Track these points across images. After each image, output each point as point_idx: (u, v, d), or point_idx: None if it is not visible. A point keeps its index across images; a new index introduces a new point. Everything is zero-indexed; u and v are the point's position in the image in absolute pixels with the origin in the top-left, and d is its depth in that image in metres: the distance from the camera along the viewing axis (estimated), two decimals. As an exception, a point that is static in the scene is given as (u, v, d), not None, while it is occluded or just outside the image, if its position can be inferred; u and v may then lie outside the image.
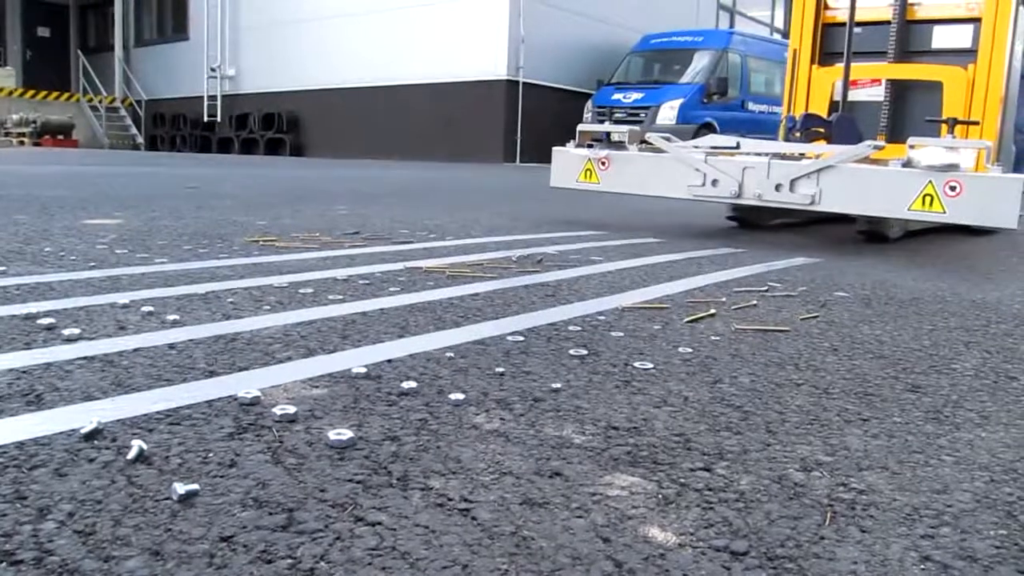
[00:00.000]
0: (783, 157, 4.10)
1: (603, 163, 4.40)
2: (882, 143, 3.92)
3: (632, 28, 16.63)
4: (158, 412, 1.33)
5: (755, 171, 3.95)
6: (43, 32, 23.69)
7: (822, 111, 5.37)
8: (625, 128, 4.59)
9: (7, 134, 16.57)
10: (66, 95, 22.23)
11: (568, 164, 4.61)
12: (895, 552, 0.99)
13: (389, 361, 1.69)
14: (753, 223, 5.15)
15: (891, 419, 1.48)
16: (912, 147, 3.55)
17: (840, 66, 5.33)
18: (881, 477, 1.21)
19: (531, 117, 15.74)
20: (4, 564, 0.86)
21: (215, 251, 3.11)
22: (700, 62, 14.89)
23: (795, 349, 1.97)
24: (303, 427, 1.30)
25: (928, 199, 3.46)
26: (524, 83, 15.95)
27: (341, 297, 2.31)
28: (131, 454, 1.14)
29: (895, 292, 2.89)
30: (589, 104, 15.05)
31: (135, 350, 1.68)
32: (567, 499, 1.09)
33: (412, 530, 0.98)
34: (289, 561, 0.90)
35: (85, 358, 1.61)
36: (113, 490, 1.05)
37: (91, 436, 1.21)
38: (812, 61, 5.54)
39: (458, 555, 0.93)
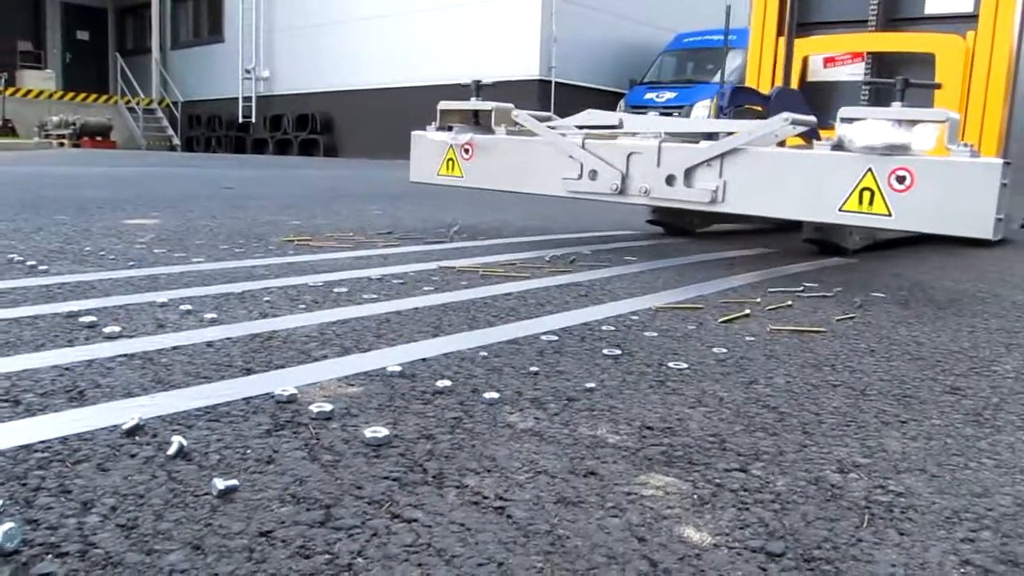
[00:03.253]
0: (680, 139, 3.14)
1: (466, 150, 3.58)
2: (805, 118, 2.89)
3: (664, 27, 16.54)
4: (197, 409, 1.35)
5: (643, 158, 3.04)
6: (82, 35, 24.07)
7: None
8: (491, 104, 3.63)
9: (47, 136, 16.86)
10: (104, 97, 22.57)
11: (428, 152, 3.77)
12: (934, 556, 0.97)
13: (424, 360, 1.70)
14: (682, 228, 4.32)
15: (930, 421, 1.46)
16: (844, 120, 2.58)
17: (816, 37, 4.46)
18: (920, 480, 1.20)
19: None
20: (51, 556, 0.88)
21: (251, 251, 3.15)
22: (734, 61, 14.80)
23: (831, 350, 1.95)
24: (339, 425, 1.31)
25: (867, 195, 2.53)
26: (556, 83, 15.94)
27: (375, 296, 2.33)
28: (171, 450, 1.16)
29: (933, 293, 2.85)
30: (622, 104, 14.99)
31: (174, 348, 1.71)
32: (602, 498, 1.09)
33: (448, 527, 0.99)
34: (327, 557, 0.91)
35: (125, 355, 1.64)
36: (154, 485, 1.06)
37: (132, 432, 1.23)
38: (779, 32, 4.66)
39: (493, 553, 0.93)
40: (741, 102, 3.93)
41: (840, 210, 2.59)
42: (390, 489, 1.09)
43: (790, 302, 2.51)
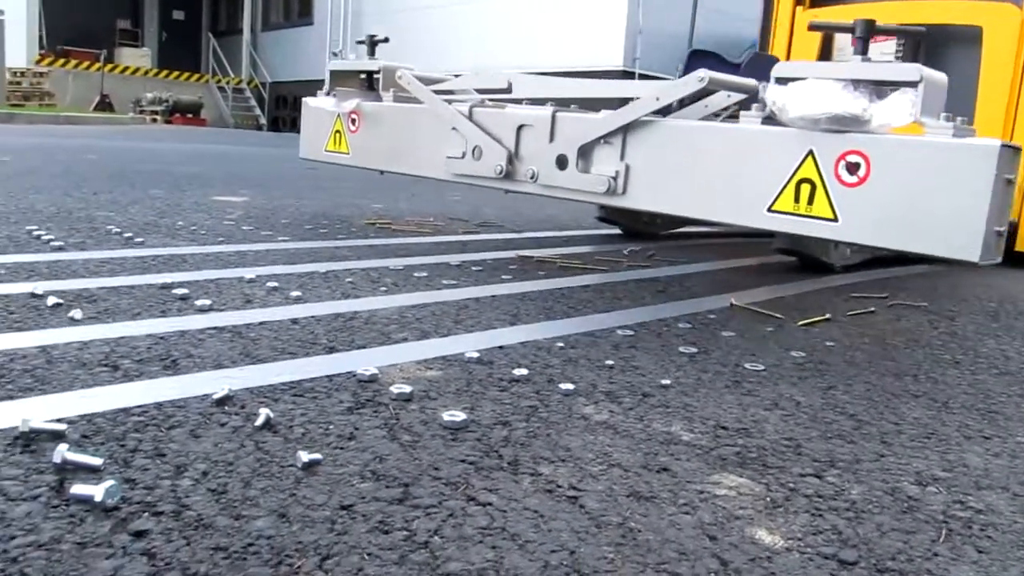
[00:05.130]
0: (583, 109, 2.44)
1: (353, 121, 3.00)
2: (707, 75, 2.05)
3: (752, 20, 16.24)
4: (283, 383, 1.40)
5: (534, 132, 2.38)
6: (178, 15, 24.75)
7: None
8: (378, 63, 3.04)
9: (141, 111, 17.42)
10: (197, 76, 23.19)
11: (316, 123, 3.22)
12: (1013, 575, 0.96)
13: (501, 347, 1.72)
14: (638, 230, 3.67)
15: (1015, 439, 1.43)
16: (779, 80, 1.85)
17: (839, 7, 3.66)
18: (1002, 498, 1.17)
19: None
20: (147, 514, 0.93)
21: (334, 232, 3.22)
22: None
23: (914, 360, 1.91)
24: (418, 407, 1.34)
25: (805, 190, 1.82)
26: (640, 75, 15.80)
27: (454, 282, 2.36)
28: (259, 421, 1.21)
29: (1024, 306, 2.76)
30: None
31: (261, 323, 1.77)
32: (674, 495, 1.10)
33: (521, 513, 1.01)
34: (404, 533, 0.94)
35: (215, 328, 1.70)
36: (243, 453, 1.11)
37: (222, 402, 1.29)
38: (798, 1, 4.00)
39: (566, 541, 0.95)
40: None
41: (769, 210, 1.87)
42: (466, 472, 1.11)
43: (873, 308, 2.46)
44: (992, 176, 1.58)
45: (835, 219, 1.78)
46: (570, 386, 1.49)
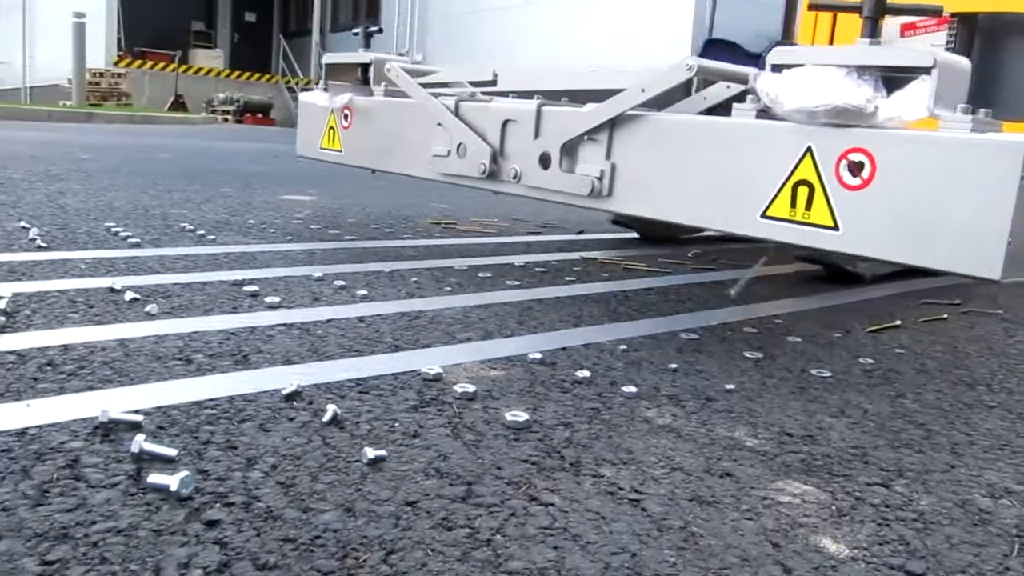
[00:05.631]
0: (568, 102, 2.21)
1: (345, 116, 2.81)
2: (695, 63, 1.80)
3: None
4: (349, 380, 1.43)
5: (519, 128, 2.16)
6: (250, 17, 25.29)
7: None
8: (370, 55, 2.81)
9: (213, 111, 17.84)
10: (267, 76, 23.67)
11: (312, 119, 3.01)
12: (1091, 592, 0.93)
13: (564, 349, 1.73)
14: (658, 234, 3.48)
15: (1094, 452, 1.38)
16: (775, 68, 1.63)
17: None
18: (1079, 512, 1.14)
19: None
20: (219, 505, 0.96)
21: (399, 231, 3.26)
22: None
23: (988, 369, 1.86)
24: (481, 406, 1.36)
25: (803, 193, 1.59)
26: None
27: (518, 283, 2.38)
28: (326, 417, 1.24)
29: (1106, 316, 2.66)
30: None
31: (328, 321, 1.80)
32: (737, 500, 1.09)
33: (583, 514, 1.01)
34: (467, 531, 0.95)
35: (284, 325, 1.74)
36: (310, 448, 1.14)
37: (291, 397, 1.32)
38: None
39: (627, 543, 0.95)
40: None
41: (763, 216, 1.65)
42: (528, 472, 1.12)
43: (945, 315, 2.40)
44: (1017, 178, 1.33)
45: (835, 227, 1.54)
46: (633, 389, 1.49)
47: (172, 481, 0.97)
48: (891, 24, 3.38)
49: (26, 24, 22.93)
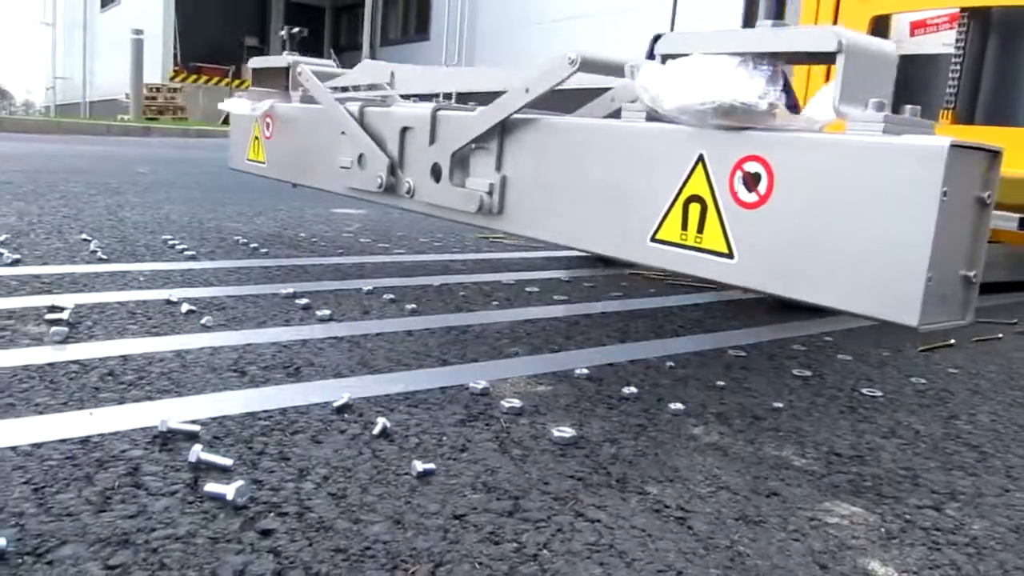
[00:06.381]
0: (475, 106, 1.89)
1: (268, 125, 2.58)
2: (578, 56, 1.52)
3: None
4: (398, 393, 1.45)
5: (416, 135, 1.91)
6: (302, 32, 25.75)
7: None
8: (288, 59, 2.57)
9: (266, 125, 18.18)
10: (318, 90, 24.04)
11: (241, 129, 2.78)
12: None
13: (610, 365, 1.73)
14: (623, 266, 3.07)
15: None
16: (663, 57, 1.36)
17: None
18: None
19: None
20: (272, 514, 0.99)
21: (448, 245, 3.30)
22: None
23: (1044, 390, 1.83)
24: (528, 421, 1.37)
25: (695, 212, 1.32)
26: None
27: (565, 298, 2.39)
28: (376, 429, 1.26)
29: None
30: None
31: (377, 334, 1.83)
32: (784, 520, 1.09)
33: (629, 531, 1.02)
34: (514, 545, 0.96)
35: (335, 338, 1.77)
36: (360, 460, 1.16)
37: (342, 410, 1.34)
38: None
39: (673, 561, 0.96)
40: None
41: (652, 239, 1.38)
42: (575, 488, 1.13)
43: (1000, 335, 2.36)
44: (938, 192, 1.03)
45: (730, 255, 1.27)
46: (680, 406, 1.49)
47: (228, 490, 1.00)
48: (901, 22, 3.19)
49: (86, 41, 23.57)
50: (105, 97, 19.03)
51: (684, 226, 1.33)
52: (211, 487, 1.02)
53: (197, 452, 1.10)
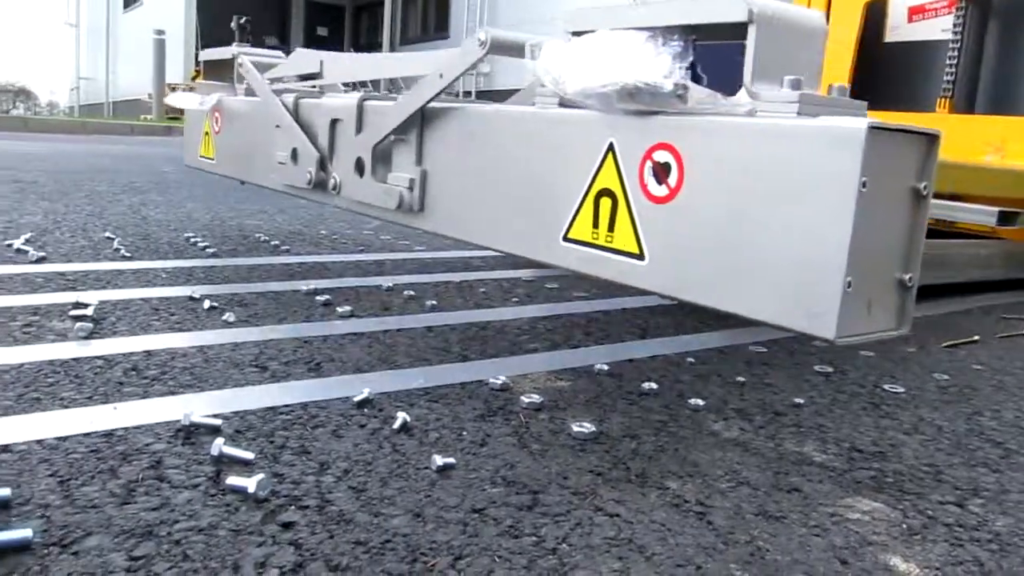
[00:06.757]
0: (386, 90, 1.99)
1: (216, 119, 2.50)
2: (488, 37, 1.45)
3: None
4: (418, 388, 1.46)
5: (345, 127, 1.81)
6: (321, 31, 25.82)
7: (846, 59, 2.92)
8: (232, 50, 2.47)
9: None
10: (338, 89, 24.13)
11: (194, 125, 2.73)
12: None
13: (630, 360, 1.73)
14: None
15: None
16: (573, 35, 1.25)
17: None
18: None
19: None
20: (293, 507, 0.99)
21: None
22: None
23: (1070, 387, 1.80)
24: (547, 416, 1.37)
25: (607, 207, 1.21)
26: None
27: (585, 294, 2.39)
28: (396, 424, 1.26)
29: None
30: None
31: (398, 330, 1.84)
32: (804, 516, 1.08)
33: (648, 526, 1.02)
34: (534, 539, 0.96)
35: (355, 334, 1.78)
36: (380, 455, 1.17)
37: (362, 404, 1.35)
38: None
39: (692, 556, 0.96)
40: None
41: (565, 238, 1.29)
42: (594, 483, 1.13)
43: (1025, 331, 2.33)
44: (856, 181, 0.91)
45: (640, 255, 1.17)
46: (700, 402, 1.49)
47: (250, 483, 1.01)
48: (899, 6, 3.14)
49: (110, 42, 23.78)
50: (128, 97, 19.20)
51: (595, 223, 1.23)
52: (233, 480, 1.03)
53: (219, 446, 1.11)
